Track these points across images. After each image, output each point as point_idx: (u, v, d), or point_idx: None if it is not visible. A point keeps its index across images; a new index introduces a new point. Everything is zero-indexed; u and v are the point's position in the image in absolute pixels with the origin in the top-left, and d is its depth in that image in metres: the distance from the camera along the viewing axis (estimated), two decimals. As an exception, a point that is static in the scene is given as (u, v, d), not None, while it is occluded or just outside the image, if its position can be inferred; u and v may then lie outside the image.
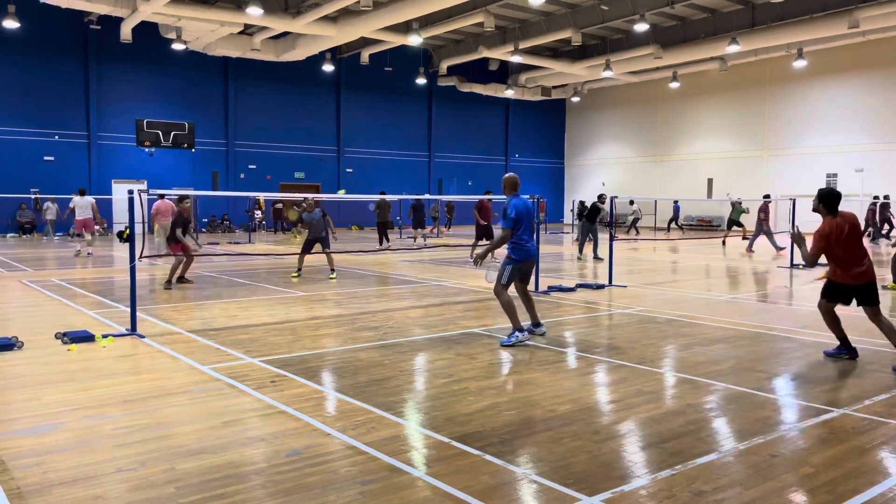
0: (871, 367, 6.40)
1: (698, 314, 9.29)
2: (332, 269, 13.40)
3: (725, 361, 6.54)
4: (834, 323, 6.62)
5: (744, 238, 22.92)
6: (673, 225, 34.10)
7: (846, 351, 6.64)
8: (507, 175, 7.70)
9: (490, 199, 16.47)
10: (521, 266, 7.49)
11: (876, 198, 26.21)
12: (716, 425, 4.75)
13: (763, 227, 19.82)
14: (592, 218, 18.02)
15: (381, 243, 21.22)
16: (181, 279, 12.37)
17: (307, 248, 13.27)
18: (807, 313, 9.62)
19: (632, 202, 31.93)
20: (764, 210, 19.74)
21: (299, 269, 13.59)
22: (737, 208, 23.06)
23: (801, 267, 15.58)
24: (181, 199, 12.57)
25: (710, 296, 11.33)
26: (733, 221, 23.29)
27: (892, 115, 30.64)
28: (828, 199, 6.34)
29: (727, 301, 10.62)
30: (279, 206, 32.44)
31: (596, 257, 17.51)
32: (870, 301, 6.40)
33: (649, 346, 7.23)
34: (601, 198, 18.13)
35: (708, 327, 8.34)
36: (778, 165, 34.43)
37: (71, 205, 18.68)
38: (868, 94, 31.31)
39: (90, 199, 18.14)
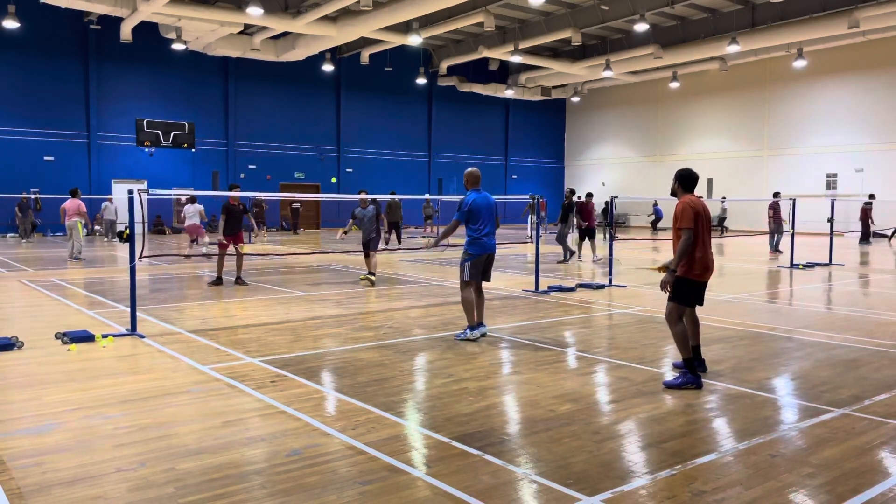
0: (871, 367, 6.40)
1: (698, 314, 9.27)
2: (372, 275, 12.52)
3: (725, 361, 6.54)
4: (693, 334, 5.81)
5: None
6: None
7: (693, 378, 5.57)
8: (468, 170, 7.80)
9: (592, 201, 16.73)
10: (479, 260, 7.54)
11: (872, 197, 26.14)
12: (716, 425, 4.75)
13: (771, 224, 19.55)
14: (566, 217, 18.05)
15: (386, 242, 21.24)
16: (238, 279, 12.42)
17: (365, 251, 12.68)
18: (807, 313, 9.62)
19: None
20: (773, 207, 19.50)
21: (371, 272, 12.58)
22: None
23: (801, 267, 15.58)
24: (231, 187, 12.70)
25: (710, 296, 11.29)
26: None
27: (892, 115, 30.64)
28: (686, 179, 5.81)
29: (727, 301, 10.61)
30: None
31: (571, 256, 17.57)
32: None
33: (649, 346, 7.23)
34: (572, 192, 18.09)
35: (708, 327, 8.33)
36: (778, 165, 34.43)
37: (183, 214, 19.13)
38: (868, 94, 31.30)
39: (200, 206, 18.59)
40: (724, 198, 28.95)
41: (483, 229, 7.47)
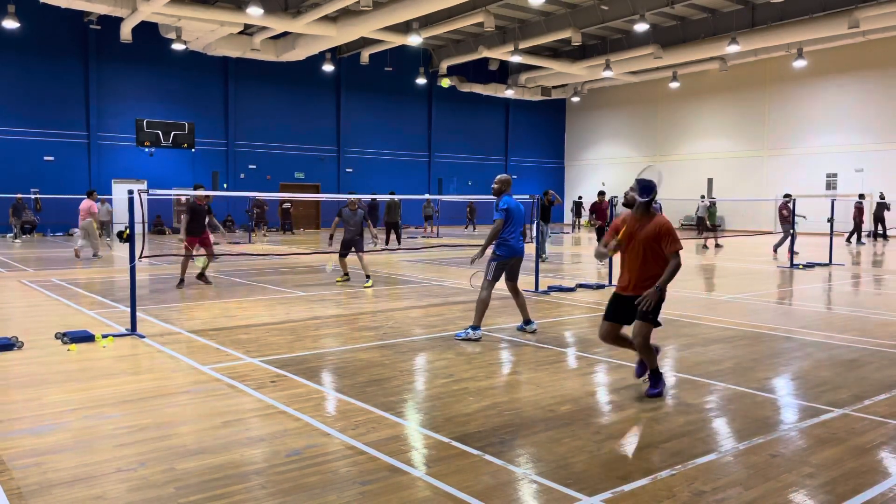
0: (871, 367, 6.40)
1: (698, 314, 9.29)
2: (368, 276, 12.45)
3: (725, 361, 6.54)
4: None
5: (716, 244, 22.80)
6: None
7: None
8: (504, 175, 7.92)
9: (604, 200, 16.24)
10: (507, 262, 7.67)
11: (861, 196, 26.09)
12: (716, 425, 4.74)
13: (790, 221, 19.22)
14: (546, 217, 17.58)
15: (387, 242, 21.23)
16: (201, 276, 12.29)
17: (343, 251, 12.60)
18: (807, 313, 9.63)
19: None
20: (786, 208, 19.28)
21: (346, 273, 12.82)
22: (711, 210, 23.11)
23: (801, 267, 15.58)
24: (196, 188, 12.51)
25: (710, 296, 11.32)
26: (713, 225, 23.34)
27: (892, 115, 30.64)
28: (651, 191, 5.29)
29: (727, 301, 10.61)
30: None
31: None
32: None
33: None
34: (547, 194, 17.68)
35: (708, 327, 8.33)
36: (778, 165, 34.43)
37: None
38: (868, 94, 31.31)
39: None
40: (702, 196, 28.90)
41: (513, 232, 7.64)
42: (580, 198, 40.68)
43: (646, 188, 5.27)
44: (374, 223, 25.11)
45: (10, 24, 23.11)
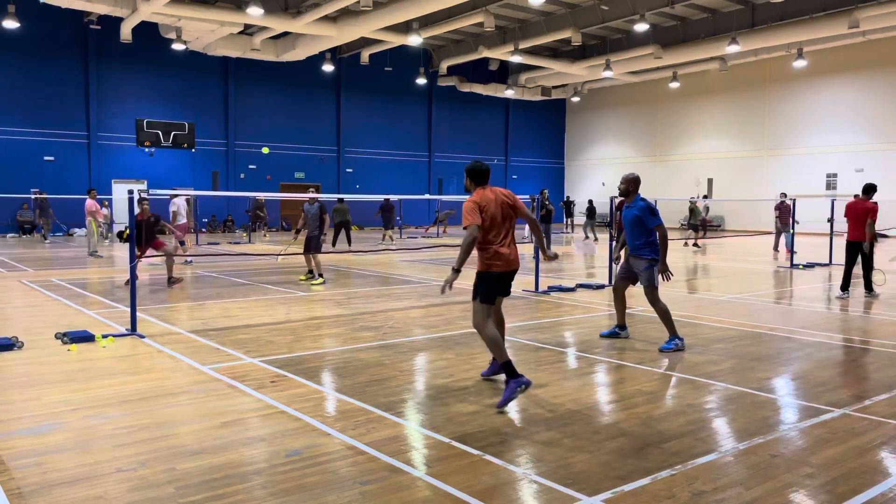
0: (871, 367, 6.40)
1: (698, 314, 9.29)
2: (320, 275, 12.58)
3: (725, 361, 6.54)
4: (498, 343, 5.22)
5: (695, 244, 22.93)
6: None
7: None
8: (633, 174, 7.32)
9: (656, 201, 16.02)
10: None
11: (856, 196, 25.99)
12: (716, 425, 4.75)
13: (777, 224, 19.57)
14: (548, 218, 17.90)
15: (334, 244, 20.67)
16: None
17: (306, 247, 12.72)
18: (807, 313, 9.63)
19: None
20: (779, 208, 19.51)
21: (310, 271, 12.86)
22: (695, 212, 23.16)
23: (801, 267, 15.58)
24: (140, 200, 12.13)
25: (710, 296, 11.32)
26: (693, 225, 23.41)
27: (892, 115, 30.63)
28: (474, 173, 5.69)
29: (727, 301, 10.61)
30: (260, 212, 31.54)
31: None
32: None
33: (649, 346, 7.22)
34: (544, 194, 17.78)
35: (708, 327, 8.33)
36: (778, 165, 34.42)
37: (173, 208, 15.90)
38: (868, 94, 31.30)
39: (183, 200, 15.99)
40: (703, 196, 28.88)
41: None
42: (568, 197, 40.66)
43: (465, 170, 5.86)
44: (387, 224, 24.74)
45: (10, 24, 23.10)
